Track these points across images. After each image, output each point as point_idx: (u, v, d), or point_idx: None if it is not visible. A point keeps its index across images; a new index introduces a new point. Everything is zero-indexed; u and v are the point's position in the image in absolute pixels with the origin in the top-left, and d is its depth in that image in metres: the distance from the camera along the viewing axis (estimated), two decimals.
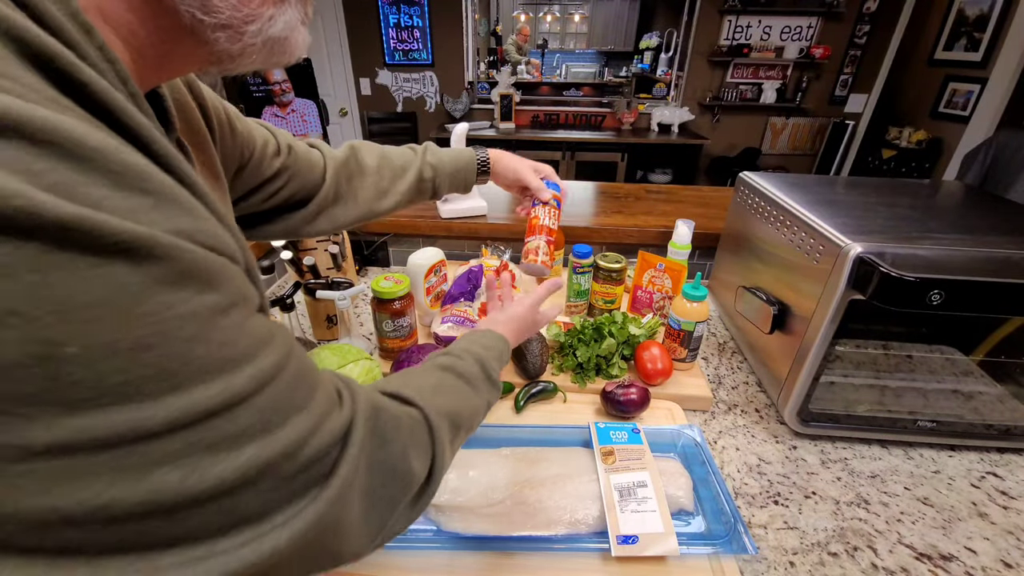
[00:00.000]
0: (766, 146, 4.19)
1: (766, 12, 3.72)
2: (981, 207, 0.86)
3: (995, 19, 2.94)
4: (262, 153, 0.56)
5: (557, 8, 6.17)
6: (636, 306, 0.99)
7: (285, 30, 0.33)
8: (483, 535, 0.57)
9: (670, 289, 0.93)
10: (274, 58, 0.34)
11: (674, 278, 0.92)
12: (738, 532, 0.55)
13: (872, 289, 0.59)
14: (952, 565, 0.57)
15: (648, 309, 0.96)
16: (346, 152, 0.68)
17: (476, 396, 0.47)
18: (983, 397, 0.74)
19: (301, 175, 0.61)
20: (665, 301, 0.95)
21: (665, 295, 0.94)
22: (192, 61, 0.33)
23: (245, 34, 0.31)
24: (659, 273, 0.93)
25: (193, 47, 0.31)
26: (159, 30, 0.29)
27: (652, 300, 0.96)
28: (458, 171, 0.74)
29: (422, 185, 0.72)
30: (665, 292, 0.94)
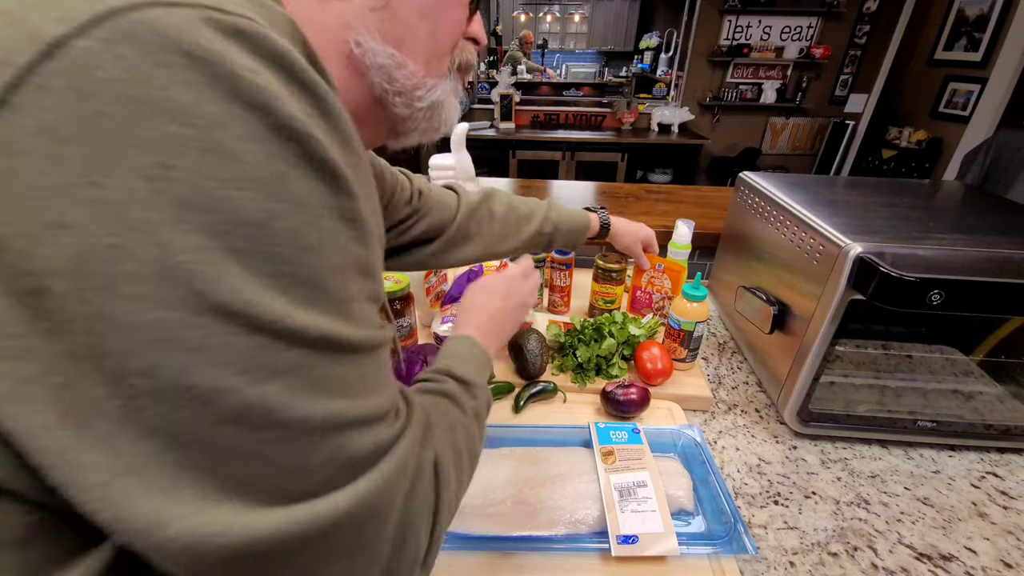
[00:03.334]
0: (766, 146, 4.19)
1: (766, 12, 3.71)
2: (981, 207, 0.86)
3: (995, 19, 2.94)
4: (397, 198, 0.64)
5: (557, 8, 6.17)
6: (635, 307, 0.99)
7: (443, 95, 0.40)
8: (483, 535, 0.57)
9: (669, 290, 0.93)
10: (433, 123, 0.41)
11: (673, 279, 0.92)
12: (738, 532, 0.55)
13: (872, 289, 0.59)
14: (952, 565, 0.57)
15: (648, 309, 0.96)
16: (480, 198, 0.75)
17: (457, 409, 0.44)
18: (983, 397, 0.74)
19: (432, 216, 0.69)
20: (665, 302, 0.94)
21: (665, 295, 0.94)
22: (377, 130, 0.40)
23: (415, 99, 0.38)
24: (658, 274, 0.93)
25: (379, 113, 0.38)
26: (358, 98, 0.36)
27: (651, 301, 0.96)
28: (573, 231, 0.82)
29: (539, 238, 0.79)
30: (665, 292, 0.94)
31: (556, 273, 0.98)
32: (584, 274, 1.04)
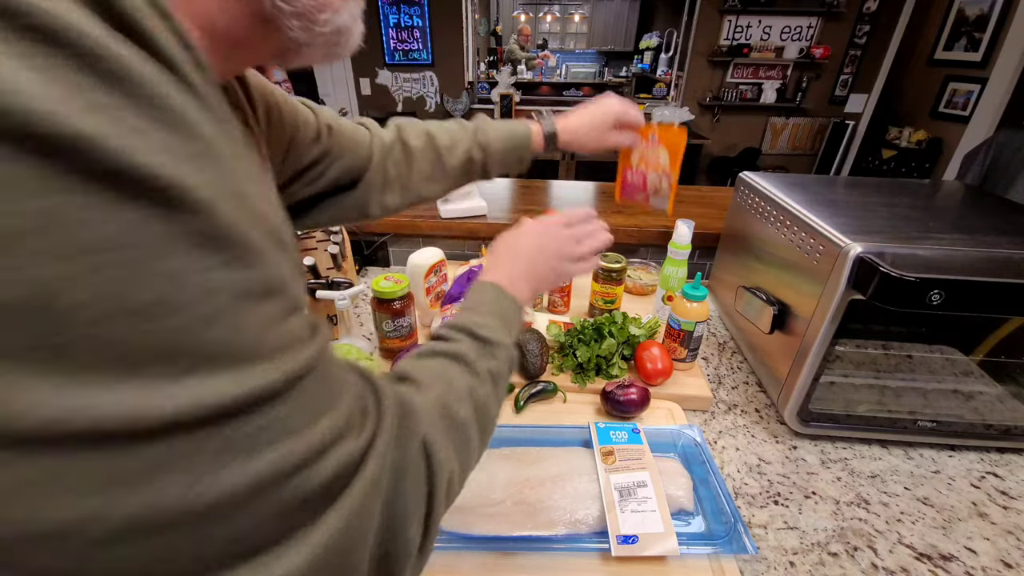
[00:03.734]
0: (766, 146, 4.19)
1: (766, 12, 3.71)
2: (981, 207, 0.86)
3: (995, 19, 2.94)
4: (302, 137, 0.52)
5: (557, 8, 6.17)
6: (627, 192, 0.80)
7: (349, 20, 0.35)
8: (483, 535, 0.57)
9: (667, 166, 0.75)
10: (335, 49, 0.36)
11: (672, 150, 0.73)
12: (738, 532, 0.55)
13: (872, 289, 0.59)
14: (952, 565, 0.57)
15: (642, 193, 0.78)
16: (393, 133, 0.64)
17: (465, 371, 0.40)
18: (983, 397, 0.74)
19: (346, 156, 0.58)
20: (663, 181, 0.76)
21: (663, 174, 0.76)
22: (260, 53, 0.33)
23: (316, 23, 0.31)
24: (652, 145, 0.74)
25: (265, 36, 0.31)
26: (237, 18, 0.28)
27: (646, 182, 0.77)
28: (511, 149, 0.67)
29: (470, 167, 0.66)
30: (662, 171, 0.75)
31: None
32: None
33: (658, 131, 0.73)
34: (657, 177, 0.76)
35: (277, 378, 0.20)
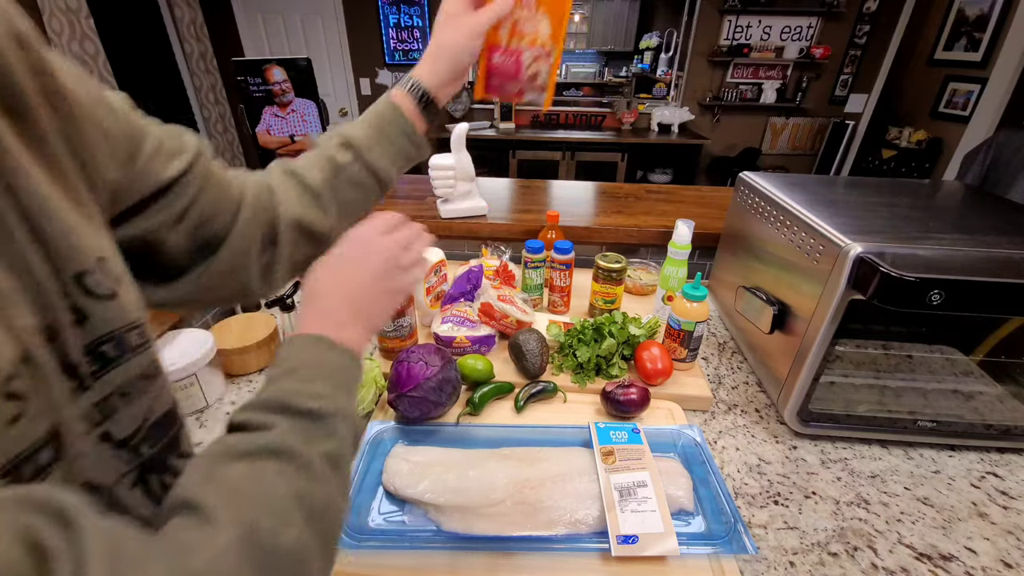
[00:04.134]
0: (766, 146, 4.19)
1: (766, 12, 3.71)
2: (981, 207, 0.86)
3: (995, 19, 2.94)
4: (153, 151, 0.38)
5: None
6: (493, 86, 0.58)
7: None
8: (483, 535, 0.57)
9: (548, 39, 0.55)
10: None
11: (555, 14, 0.54)
12: (738, 532, 0.55)
13: (872, 289, 0.59)
14: (952, 565, 0.57)
15: (515, 83, 0.57)
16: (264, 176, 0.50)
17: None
18: (983, 397, 0.74)
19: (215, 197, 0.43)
20: (542, 61, 0.56)
21: (542, 51, 0.55)
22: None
23: None
24: (529, 10, 0.54)
25: None
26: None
27: (520, 66, 0.56)
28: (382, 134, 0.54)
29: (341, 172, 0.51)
30: (540, 46, 0.55)
31: (556, 273, 0.98)
32: (584, 274, 1.04)
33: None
34: (534, 56, 0.54)
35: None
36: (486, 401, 0.77)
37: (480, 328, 0.89)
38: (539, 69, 0.56)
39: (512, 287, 1.01)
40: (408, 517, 0.60)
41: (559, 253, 0.96)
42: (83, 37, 2.47)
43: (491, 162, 3.87)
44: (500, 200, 1.38)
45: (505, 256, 1.10)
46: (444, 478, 0.60)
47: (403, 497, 0.61)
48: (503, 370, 0.85)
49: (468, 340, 0.87)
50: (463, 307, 0.92)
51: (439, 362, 0.72)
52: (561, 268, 0.97)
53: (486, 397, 0.77)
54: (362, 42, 3.95)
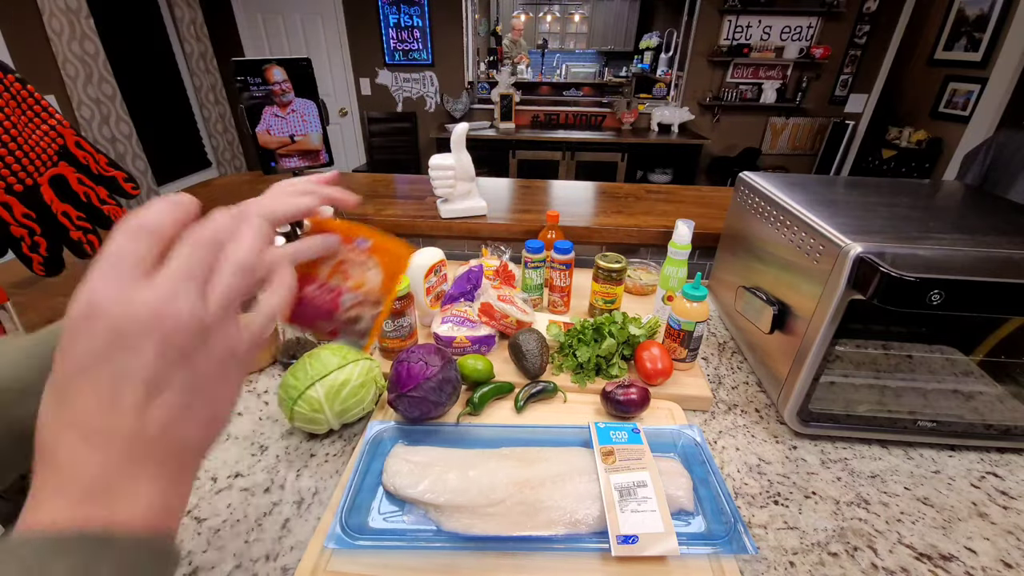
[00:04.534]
0: (766, 146, 4.19)
1: (766, 12, 3.72)
2: (981, 207, 0.86)
3: (995, 19, 2.94)
4: None
5: (557, 8, 6.17)
6: (298, 316, 0.43)
7: None
8: (483, 535, 0.56)
9: (376, 291, 0.45)
10: None
11: (389, 271, 0.44)
12: (738, 532, 0.55)
13: (872, 289, 0.59)
14: (952, 565, 0.57)
15: (329, 321, 0.44)
16: None
17: None
18: (983, 397, 0.74)
19: None
20: (365, 308, 0.45)
21: (366, 299, 0.45)
22: None
23: None
24: (358, 254, 0.44)
25: None
26: None
27: (338, 305, 0.44)
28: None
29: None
30: (365, 293, 0.44)
31: (556, 273, 0.98)
32: (584, 274, 1.04)
33: (374, 239, 0.43)
34: (356, 299, 0.45)
35: None
36: (486, 401, 0.77)
37: (480, 328, 0.89)
38: (362, 314, 0.46)
39: (512, 287, 1.01)
40: (408, 517, 0.60)
41: (559, 253, 0.96)
42: (83, 37, 2.47)
43: (491, 162, 3.87)
44: (500, 200, 1.39)
45: (505, 256, 1.10)
46: (444, 478, 0.60)
47: (403, 497, 0.61)
48: (503, 370, 0.85)
49: (468, 340, 0.87)
50: (463, 307, 0.92)
51: (439, 362, 0.72)
52: (561, 268, 0.97)
53: (486, 397, 0.77)
54: (362, 42, 3.95)
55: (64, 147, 0.80)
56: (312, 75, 1.00)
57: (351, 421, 0.74)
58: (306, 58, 0.99)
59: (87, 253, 0.80)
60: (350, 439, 0.74)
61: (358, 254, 0.45)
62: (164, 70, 3.26)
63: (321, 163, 1.08)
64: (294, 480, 0.67)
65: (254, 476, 0.67)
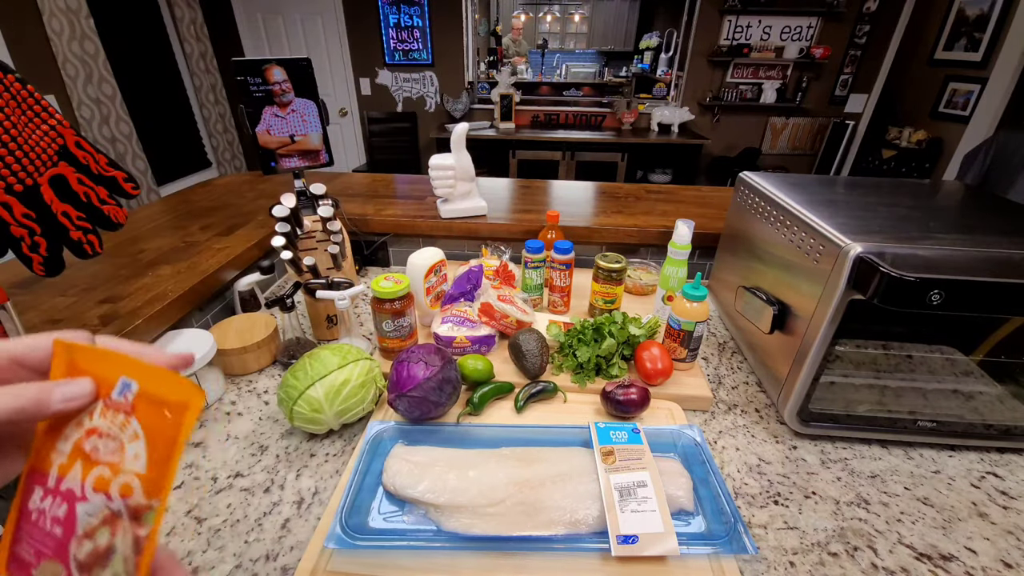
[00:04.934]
0: (766, 146, 4.19)
1: (766, 12, 3.71)
2: (981, 207, 0.86)
3: (995, 19, 2.94)
4: None
5: (557, 8, 6.17)
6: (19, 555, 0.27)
7: None
8: (483, 535, 0.56)
9: (139, 480, 0.26)
10: None
11: (159, 439, 0.27)
12: (738, 532, 0.55)
13: (872, 289, 0.59)
14: (952, 565, 0.57)
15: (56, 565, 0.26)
16: None
17: None
18: (983, 397, 0.74)
19: None
20: (118, 532, 0.26)
21: (121, 506, 0.26)
22: None
23: None
24: (111, 424, 0.27)
25: None
26: None
27: (73, 529, 0.26)
28: None
29: None
30: (121, 490, 0.26)
31: (556, 273, 0.98)
32: (584, 274, 1.04)
33: (142, 378, 0.27)
34: (103, 513, 0.27)
35: None
36: (486, 401, 0.77)
37: (480, 328, 0.89)
38: (113, 544, 0.26)
39: (512, 287, 1.01)
40: (408, 517, 0.60)
41: (559, 253, 0.96)
42: (83, 37, 2.47)
43: (491, 162, 3.87)
44: (500, 200, 1.39)
45: (505, 256, 1.10)
46: (444, 478, 0.60)
47: (403, 497, 0.61)
48: (503, 370, 0.85)
49: (468, 340, 0.87)
50: (463, 307, 0.92)
51: (439, 362, 0.72)
52: (561, 268, 0.97)
53: (486, 397, 0.77)
54: (362, 42, 3.95)
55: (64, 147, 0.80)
56: (312, 75, 1.00)
57: (351, 421, 0.74)
58: (306, 58, 0.99)
59: (87, 253, 0.80)
60: (350, 439, 0.74)
61: (115, 414, 0.27)
62: (164, 70, 3.26)
63: (321, 163, 1.08)
64: (294, 480, 0.67)
65: (254, 476, 0.67)
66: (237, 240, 1.10)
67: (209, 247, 1.06)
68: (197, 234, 1.14)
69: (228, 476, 0.67)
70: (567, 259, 0.96)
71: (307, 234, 0.98)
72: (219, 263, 0.99)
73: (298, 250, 0.95)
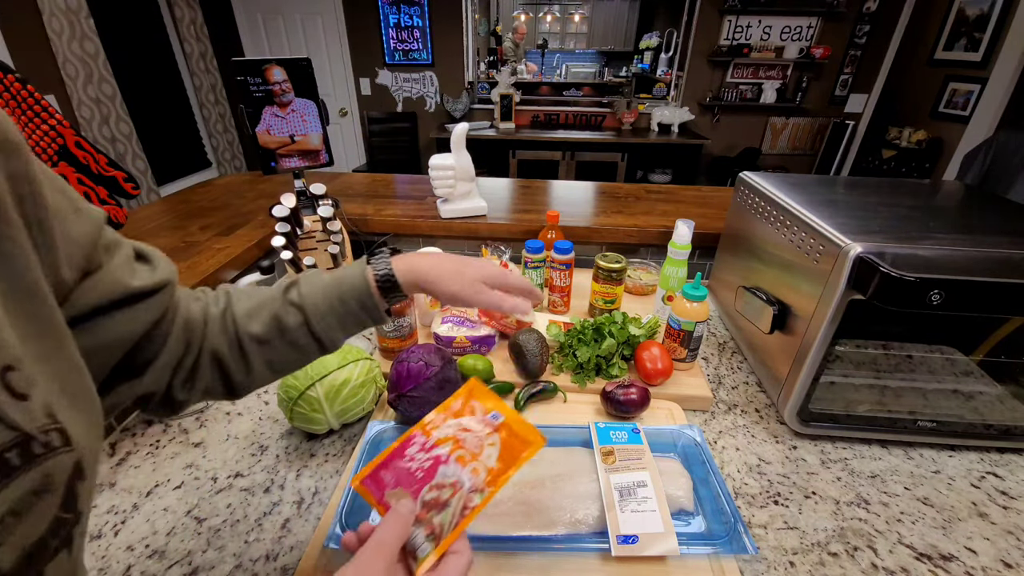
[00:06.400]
0: (766, 146, 4.19)
1: (766, 12, 3.71)
2: (981, 207, 0.86)
3: (995, 19, 2.94)
4: (123, 261, 0.37)
5: (557, 8, 6.16)
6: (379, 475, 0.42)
7: None
8: (483, 535, 0.56)
9: (487, 473, 0.41)
10: None
11: (509, 453, 0.42)
12: (738, 532, 0.55)
13: (872, 289, 0.59)
14: (952, 565, 0.57)
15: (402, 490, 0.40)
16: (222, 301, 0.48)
17: None
18: (983, 397, 0.74)
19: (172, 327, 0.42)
20: (454, 494, 0.39)
21: (466, 484, 0.40)
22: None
23: None
24: (480, 423, 0.44)
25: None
26: None
27: (433, 474, 0.41)
28: (340, 302, 0.48)
29: (284, 333, 0.47)
30: (472, 475, 0.40)
31: (556, 273, 0.98)
32: (584, 274, 1.04)
33: (508, 416, 0.42)
34: (453, 477, 0.39)
35: None
36: None
37: (480, 328, 0.89)
38: (450, 501, 0.39)
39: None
40: None
41: (559, 253, 0.96)
42: (83, 37, 2.47)
43: (491, 162, 3.87)
44: (500, 200, 1.39)
45: (505, 256, 1.10)
46: None
47: None
48: (503, 370, 0.85)
49: (468, 340, 0.87)
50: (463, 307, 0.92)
51: (439, 362, 0.72)
52: (561, 268, 0.97)
53: None
54: (362, 42, 3.95)
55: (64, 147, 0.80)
56: (312, 75, 1.00)
57: (351, 421, 0.74)
58: (306, 58, 0.99)
59: None
60: (350, 439, 0.74)
61: (483, 426, 0.44)
62: (164, 70, 3.26)
63: (321, 163, 1.08)
64: (294, 480, 0.67)
65: (254, 476, 0.67)
66: (237, 240, 1.10)
67: (209, 247, 1.06)
68: (197, 234, 1.14)
69: (228, 476, 0.67)
70: (567, 259, 0.96)
71: (307, 234, 0.98)
72: (219, 263, 0.99)
73: (298, 250, 0.95)
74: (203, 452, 0.71)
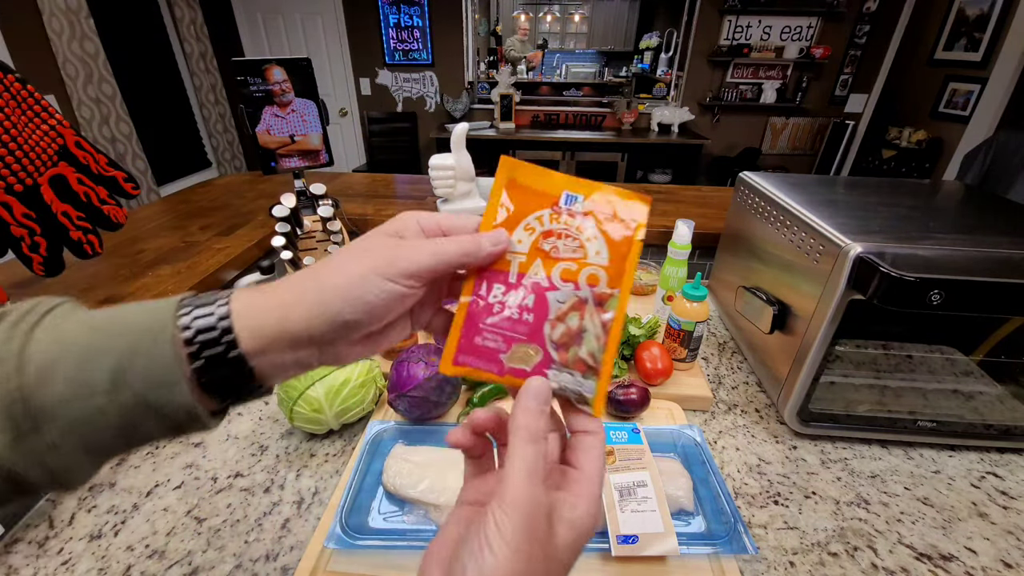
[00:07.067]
0: (766, 146, 4.19)
1: (766, 12, 3.72)
2: (981, 207, 0.86)
3: (995, 19, 2.94)
4: None
5: (557, 8, 6.16)
6: (476, 351, 0.34)
7: None
8: None
9: (605, 271, 0.30)
10: None
11: (618, 249, 0.31)
12: (738, 532, 0.55)
13: (872, 289, 0.59)
14: (952, 565, 0.57)
15: (531, 349, 0.31)
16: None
17: None
18: (983, 397, 0.74)
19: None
20: (592, 320, 0.30)
21: (588, 294, 0.30)
22: None
23: None
24: (565, 226, 0.31)
25: None
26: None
27: (546, 309, 0.31)
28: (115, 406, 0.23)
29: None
30: (588, 278, 0.31)
31: None
32: None
33: (589, 191, 0.31)
34: (572, 298, 0.30)
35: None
36: (486, 401, 0.77)
37: None
38: (585, 327, 0.29)
39: None
40: (408, 517, 0.60)
41: None
42: (83, 37, 2.47)
43: (491, 162, 3.85)
44: None
45: None
46: (444, 478, 0.60)
47: (403, 497, 0.61)
48: None
49: None
50: None
51: (439, 362, 0.71)
52: None
53: (486, 397, 0.77)
54: (362, 42, 3.96)
55: (64, 147, 0.80)
56: (312, 75, 1.00)
57: (351, 421, 0.74)
58: (306, 58, 0.99)
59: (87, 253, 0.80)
60: (350, 439, 0.74)
61: (570, 217, 0.30)
62: (164, 70, 3.26)
63: (321, 163, 1.08)
64: (294, 480, 0.67)
65: (254, 476, 0.67)
66: (237, 240, 1.10)
67: (209, 247, 1.06)
68: (197, 234, 1.14)
69: (228, 476, 0.67)
70: None
71: (307, 234, 0.98)
72: (219, 263, 0.99)
73: (298, 250, 0.95)
74: (203, 452, 0.71)
